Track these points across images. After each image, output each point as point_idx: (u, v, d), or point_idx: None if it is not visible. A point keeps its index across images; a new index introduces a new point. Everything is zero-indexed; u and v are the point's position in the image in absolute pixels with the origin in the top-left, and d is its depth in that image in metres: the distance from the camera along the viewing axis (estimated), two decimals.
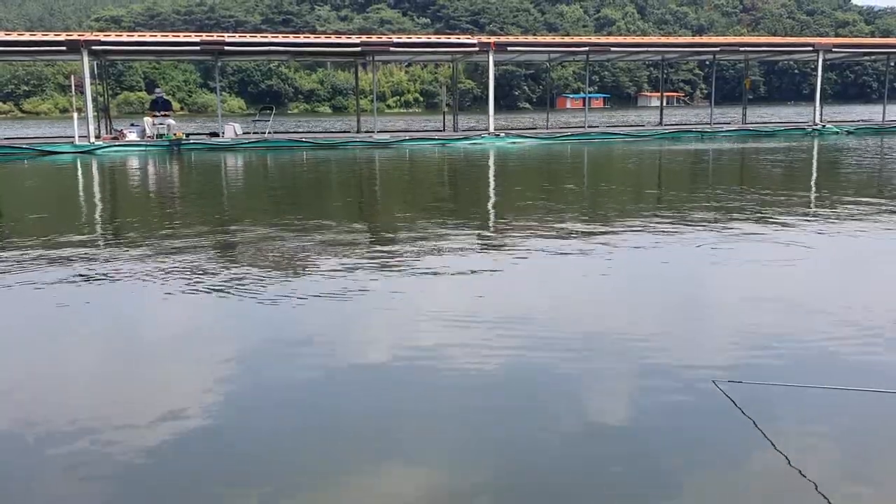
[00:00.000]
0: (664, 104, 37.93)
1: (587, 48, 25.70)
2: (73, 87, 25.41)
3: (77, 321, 4.90)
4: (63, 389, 3.70)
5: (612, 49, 27.51)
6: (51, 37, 23.25)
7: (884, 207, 9.16)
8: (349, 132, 27.14)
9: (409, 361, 3.93)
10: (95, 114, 22.85)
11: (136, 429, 3.15)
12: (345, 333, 4.48)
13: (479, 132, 24.79)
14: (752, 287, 5.42)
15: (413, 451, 2.95)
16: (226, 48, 22.99)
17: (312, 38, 27.41)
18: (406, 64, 79.60)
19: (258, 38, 25.72)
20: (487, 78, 24.85)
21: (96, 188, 13.98)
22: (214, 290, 5.41)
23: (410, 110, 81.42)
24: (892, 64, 29.86)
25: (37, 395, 3.61)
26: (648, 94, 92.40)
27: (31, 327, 4.75)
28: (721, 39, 35.42)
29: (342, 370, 3.83)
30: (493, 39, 24.93)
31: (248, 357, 4.09)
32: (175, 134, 22.35)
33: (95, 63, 24.22)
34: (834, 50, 27.70)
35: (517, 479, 2.74)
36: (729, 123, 29.02)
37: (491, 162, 18.17)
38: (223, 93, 65.61)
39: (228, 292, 5.34)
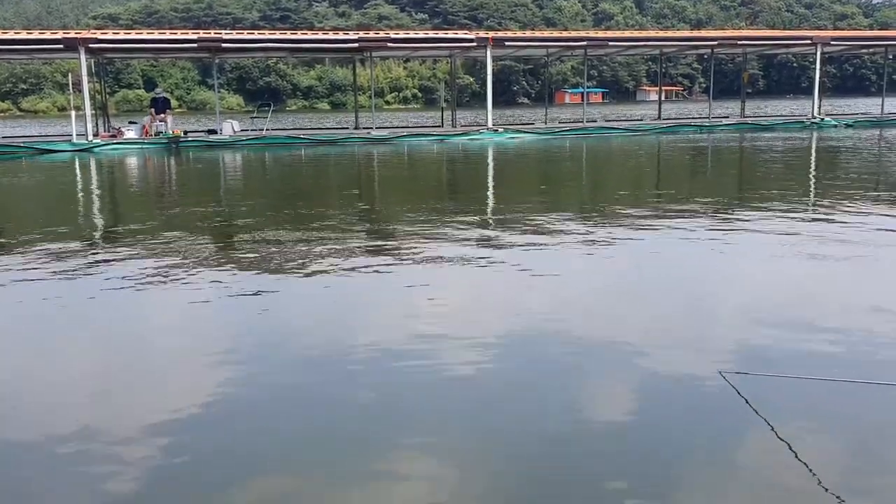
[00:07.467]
0: (663, 98, 37.90)
1: (585, 43, 25.65)
2: (70, 86, 25.38)
3: (103, 317, 4.91)
4: (115, 380, 3.70)
5: (611, 43, 27.50)
6: (48, 35, 23.21)
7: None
8: (347, 128, 27.14)
9: (409, 354, 3.93)
10: (93, 112, 22.82)
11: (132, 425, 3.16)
12: (347, 325, 4.48)
13: (477, 128, 24.77)
14: (761, 278, 5.43)
15: (417, 449, 2.96)
16: (223, 45, 22.95)
17: (310, 35, 27.35)
18: (404, 60, 79.48)
19: (256, 35, 25.75)
20: (486, 73, 24.83)
21: (94, 186, 13.96)
22: (200, 285, 5.41)
23: (409, 106, 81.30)
24: (891, 57, 29.84)
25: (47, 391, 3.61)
26: (647, 88, 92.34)
27: (51, 320, 4.75)
28: (719, 33, 35.36)
29: (345, 365, 3.83)
30: (490, 35, 24.93)
31: (252, 351, 4.09)
32: (173, 131, 22.33)
33: (93, 61, 24.20)
34: (832, 43, 27.64)
35: (523, 471, 2.74)
36: (727, 117, 29.00)
37: (489, 158, 18.14)
38: (221, 90, 65.53)
39: (223, 288, 5.34)
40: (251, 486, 2.68)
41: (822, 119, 26.32)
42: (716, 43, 27.25)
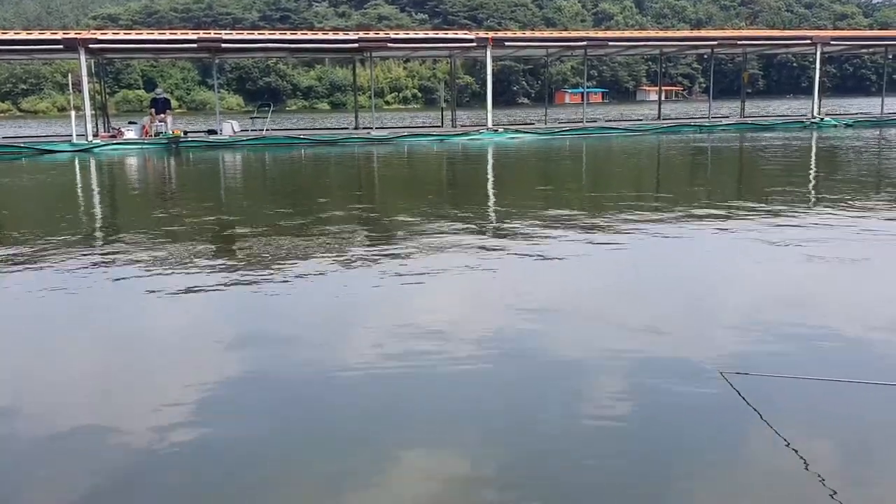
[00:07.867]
0: (663, 98, 37.90)
1: (585, 43, 25.66)
2: (70, 86, 25.39)
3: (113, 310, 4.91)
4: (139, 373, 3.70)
5: (611, 43, 27.51)
6: (48, 35, 23.22)
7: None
8: (347, 129, 27.14)
9: (409, 354, 3.93)
10: (93, 112, 22.83)
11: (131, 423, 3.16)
12: (350, 326, 4.48)
13: (477, 128, 24.76)
14: (761, 278, 5.43)
15: (417, 449, 2.96)
16: (223, 45, 22.95)
17: (310, 35, 27.36)
18: (404, 60, 79.43)
19: (256, 35, 25.75)
20: (485, 73, 24.83)
21: (94, 186, 13.96)
22: (202, 282, 5.41)
23: (409, 106, 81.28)
24: (891, 56, 29.84)
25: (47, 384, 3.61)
26: (647, 88, 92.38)
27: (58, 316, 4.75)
28: (719, 33, 35.37)
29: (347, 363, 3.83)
30: (490, 35, 24.95)
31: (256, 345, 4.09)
32: (173, 132, 22.34)
33: (93, 61, 24.21)
34: (832, 43, 27.63)
35: (523, 471, 2.74)
36: (727, 117, 29.00)
37: (489, 158, 18.14)
38: (221, 90, 65.52)
39: (227, 286, 5.34)
40: (251, 486, 2.68)
41: (822, 119, 26.32)
42: (716, 43, 27.25)
